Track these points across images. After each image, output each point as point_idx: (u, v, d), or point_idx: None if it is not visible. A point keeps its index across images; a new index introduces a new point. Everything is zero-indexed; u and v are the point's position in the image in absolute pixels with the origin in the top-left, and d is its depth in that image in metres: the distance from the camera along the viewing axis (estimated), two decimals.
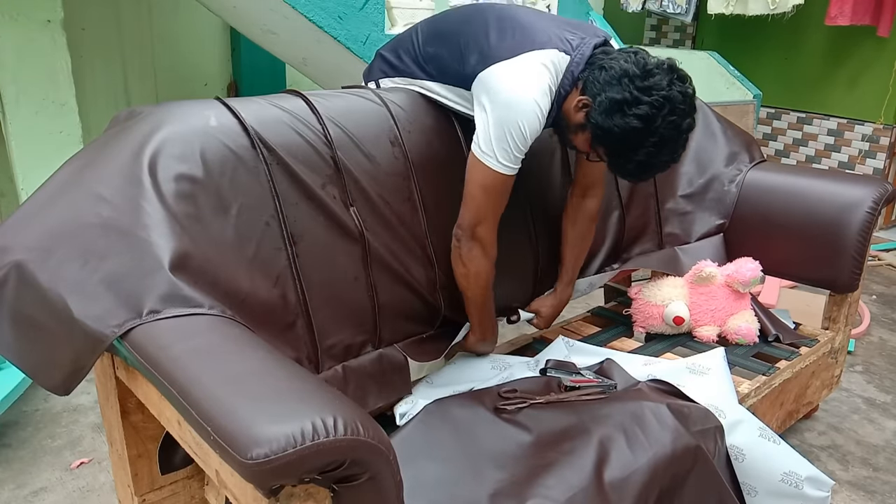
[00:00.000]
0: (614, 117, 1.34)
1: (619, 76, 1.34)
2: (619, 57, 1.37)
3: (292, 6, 2.15)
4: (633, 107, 1.33)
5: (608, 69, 1.36)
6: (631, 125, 1.33)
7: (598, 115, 1.37)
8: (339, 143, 1.39)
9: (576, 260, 1.80)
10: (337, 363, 1.38)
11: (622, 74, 1.34)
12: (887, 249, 3.84)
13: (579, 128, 1.43)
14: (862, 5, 3.75)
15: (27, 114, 2.22)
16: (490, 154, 1.38)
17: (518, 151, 1.39)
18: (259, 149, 1.28)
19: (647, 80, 1.33)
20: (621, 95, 1.33)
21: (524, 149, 1.40)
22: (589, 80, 1.39)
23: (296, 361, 1.25)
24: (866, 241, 1.88)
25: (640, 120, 1.33)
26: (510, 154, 1.38)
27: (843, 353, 2.09)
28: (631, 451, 1.29)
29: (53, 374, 1.09)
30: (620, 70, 1.35)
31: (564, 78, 1.42)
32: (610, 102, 1.35)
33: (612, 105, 1.34)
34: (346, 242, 1.39)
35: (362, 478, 0.87)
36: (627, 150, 1.39)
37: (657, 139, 1.35)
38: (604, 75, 1.36)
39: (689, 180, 2.10)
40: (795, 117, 4.49)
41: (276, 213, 1.29)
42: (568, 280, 1.80)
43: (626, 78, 1.34)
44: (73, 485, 1.83)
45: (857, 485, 1.91)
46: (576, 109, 1.41)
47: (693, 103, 1.39)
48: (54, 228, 1.12)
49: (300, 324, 1.31)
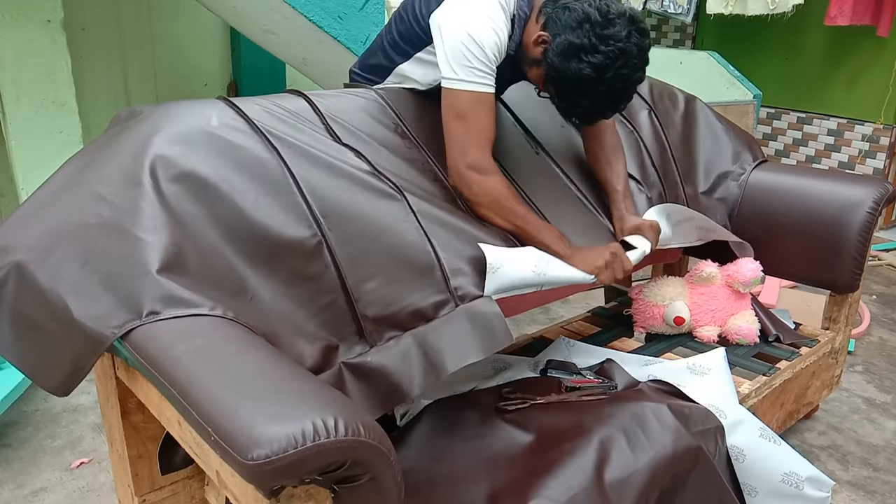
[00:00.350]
0: (569, 61, 1.36)
1: (580, 20, 1.36)
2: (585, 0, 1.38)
3: (292, 6, 2.15)
4: (589, 54, 1.35)
5: (571, 10, 1.37)
6: (584, 72, 1.35)
7: (554, 55, 1.38)
8: (347, 138, 1.38)
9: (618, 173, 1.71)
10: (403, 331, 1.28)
11: (584, 19, 1.35)
12: (887, 249, 3.84)
13: (535, 62, 1.44)
14: (862, 5, 3.75)
15: (27, 114, 2.22)
16: (453, 76, 1.37)
17: (481, 65, 1.37)
18: (268, 140, 1.26)
19: (606, 28, 1.35)
20: (579, 41, 1.35)
21: (488, 63, 1.38)
22: (552, 18, 1.40)
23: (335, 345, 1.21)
24: (866, 241, 1.88)
25: (592, 68, 1.35)
26: (474, 71, 1.37)
27: (843, 353, 2.09)
28: (631, 452, 1.29)
29: (53, 374, 1.09)
30: (583, 14, 1.36)
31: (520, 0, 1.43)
32: (567, 45, 1.36)
33: (568, 48, 1.36)
34: (387, 204, 1.32)
35: (363, 478, 0.87)
36: (576, 95, 1.41)
37: (605, 88, 1.38)
38: (566, 16, 1.37)
39: (693, 181, 2.10)
40: (795, 117, 4.49)
41: (295, 197, 1.24)
42: (622, 195, 1.69)
43: (587, 23, 1.35)
44: (73, 485, 1.83)
45: (858, 485, 1.91)
46: (535, 44, 1.42)
47: (646, 57, 1.41)
48: (54, 228, 1.12)
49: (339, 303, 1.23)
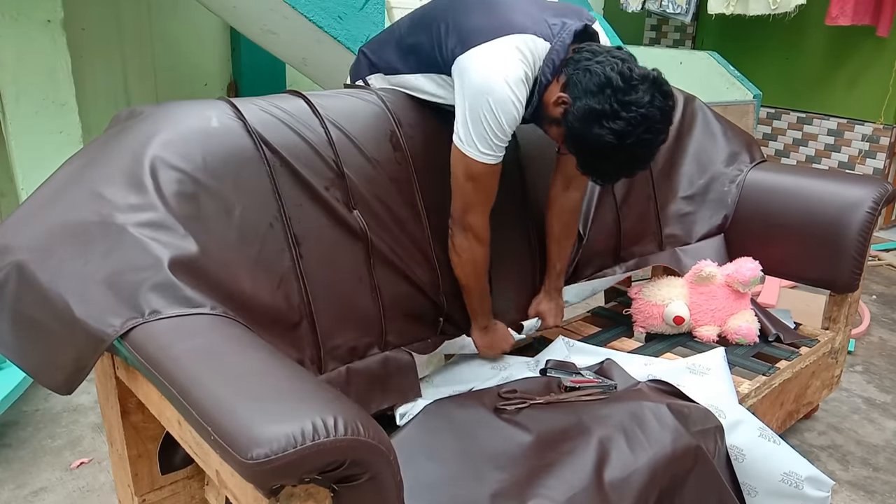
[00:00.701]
0: (590, 127, 1.34)
1: (601, 85, 1.32)
2: (606, 62, 1.34)
3: (292, 6, 2.15)
4: (611, 120, 1.32)
5: (593, 73, 1.34)
6: (605, 138, 1.33)
7: (574, 120, 1.36)
8: (340, 147, 1.39)
9: (562, 252, 1.78)
10: (341, 364, 1.38)
11: (605, 83, 1.32)
12: (887, 249, 3.84)
13: (555, 122, 1.42)
14: (863, 5, 3.75)
15: (27, 114, 2.22)
16: (469, 144, 1.37)
17: (497, 139, 1.37)
18: (262, 150, 1.28)
19: (628, 94, 1.32)
20: (601, 106, 1.32)
21: (503, 136, 1.38)
22: (572, 80, 1.37)
23: (299, 363, 1.25)
24: (866, 241, 1.88)
25: (614, 135, 1.32)
26: (489, 142, 1.37)
27: (843, 353, 2.09)
28: (631, 452, 1.29)
29: (55, 374, 1.09)
30: (605, 78, 1.32)
31: (545, 66, 1.40)
32: (588, 110, 1.33)
33: (590, 113, 1.33)
34: (350, 243, 1.39)
35: (362, 478, 0.87)
36: (597, 159, 1.39)
37: (627, 154, 1.36)
38: (587, 79, 1.34)
39: (690, 181, 2.10)
40: (795, 117, 4.49)
41: (279, 215, 1.29)
42: (557, 274, 1.78)
43: (608, 88, 1.32)
44: (73, 485, 1.83)
45: (857, 485, 1.91)
46: (555, 104, 1.40)
47: (670, 118, 1.38)
48: (55, 228, 1.12)
49: (304, 325, 1.31)
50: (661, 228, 2.07)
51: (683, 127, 2.10)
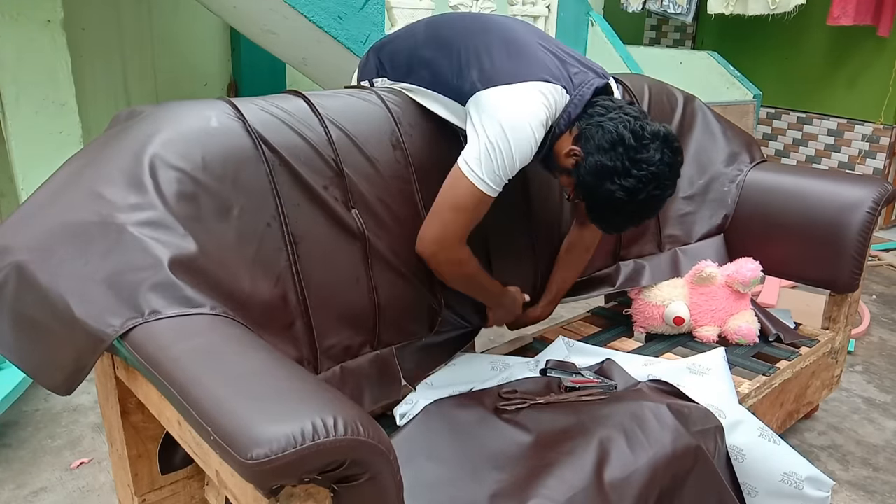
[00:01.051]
0: (601, 182, 1.37)
1: (613, 142, 1.35)
2: (619, 119, 1.37)
3: (292, 6, 2.15)
4: (622, 177, 1.35)
5: (606, 130, 1.36)
6: (615, 194, 1.36)
7: (585, 173, 1.39)
8: (340, 146, 1.39)
9: (563, 282, 1.81)
10: (335, 364, 1.38)
11: (617, 141, 1.35)
12: (887, 249, 3.84)
13: (566, 171, 1.44)
14: (864, 5, 3.75)
15: (27, 114, 2.22)
16: (478, 170, 1.36)
17: (505, 175, 1.38)
18: (262, 150, 1.28)
19: (640, 152, 1.35)
20: (612, 163, 1.35)
21: (511, 174, 1.39)
22: (585, 135, 1.39)
23: (297, 362, 1.25)
24: (866, 241, 1.88)
25: (624, 191, 1.35)
26: (497, 176, 1.37)
27: (843, 353, 2.09)
28: (631, 452, 1.29)
29: (55, 374, 1.09)
30: (617, 136, 1.35)
31: (561, 117, 1.42)
32: (599, 167, 1.36)
33: (601, 170, 1.36)
34: (348, 243, 1.39)
35: (362, 478, 0.87)
36: (607, 211, 1.43)
37: (636, 208, 1.40)
38: (599, 136, 1.37)
39: (690, 181, 2.10)
40: (795, 117, 4.49)
41: (277, 214, 1.29)
42: (551, 299, 1.81)
43: (621, 146, 1.35)
44: (73, 485, 1.83)
45: (857, 485, 1.91)
46: (566, 156, 1.42)
47: (678, 172, 1.42)
48: (55, 228, 1.12)
49: (299, 324, 1.31)
50: (660, 228, 2.07)
51: (683, 127, 2.10)
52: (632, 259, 2.02)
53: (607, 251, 1.97)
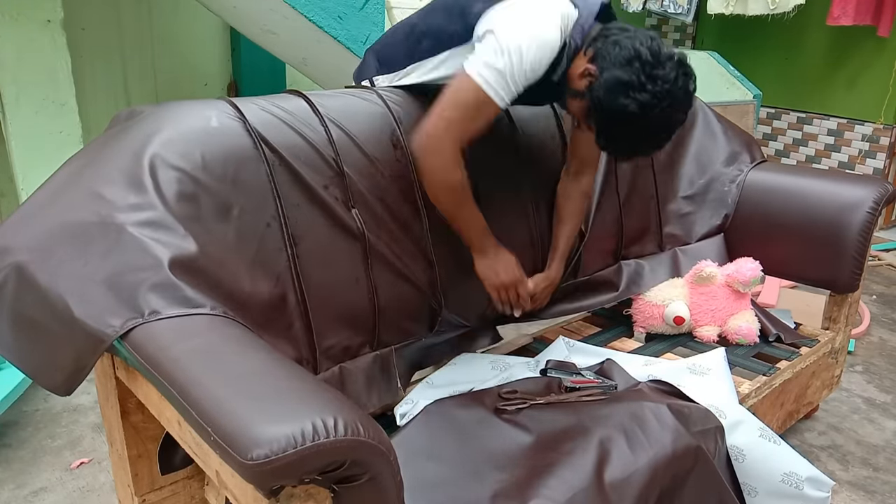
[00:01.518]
0: (616, 97, 1.34)
1: (630, 58, 1.34)
2: (636, 38, 1.36)
3: (292, 6, 2.15)
4: (637, 91, 1.33)
5: (622, 47, 1.35)
6: (629, 108, 1.34)
7: (600, 89, 1.36)
8: (341, 145, 1.39)
9: (568, 236, 1.77)
10: (335, 364, 1.38)
11: (634, 56, 1.34)
12: (887, 249, 3.84)
13: (578, 94, 1.42)
14: (864, 5, 3.75)
15: (27, 114, 2.22)
16: (482, 72, 1.33)
17: (512, 80, 1.34)
18: (262, 150, 1.28)
19: (656, 68, 1.33)
20: (628, 77, 1.33)
21: (519, 81, 1.35)
22: (600, 53, 1.38)
23: (297, 362, 1.25)
24: (867, 241, 1.88)
25: (638, 105, 1.33)
26: (502, 80, 1.33)
27: (843, 353, 2.09)
28: (631, 452, 1.29)
29: (55, 374, 1.09)
30: (634, 51, 1.34)
31: (574, 30, 1.41)
32: (615, 81, 1.34)
33: (616, 84, 1.34)
34: (348, 243, 1.39)
35: (363, 478, 0.87)
36: (617, 131, 1.40)
37: (648, 126, 1.37)
38: (616, 52, 1.35)
39: (690, 181, 2.10)
40: (795, 117, 4.49)
41: (277, 214, 1.29)
42: (560, 256, 1.76)
43: (637, 61, 1.33)
44: (73, 485, 1.83)
45: (857, 485, 1.91)
46: (580, 76, 1.40)
47: (691, 101, 1.40)
48: (54, 228, 1.12)
49: (299, 324, 1.31)
50: (661, 228, 2.07)
51: (684, 127, 2.09)
52: (633, 259, 2.02)
53: (609, 251, 1.97)
